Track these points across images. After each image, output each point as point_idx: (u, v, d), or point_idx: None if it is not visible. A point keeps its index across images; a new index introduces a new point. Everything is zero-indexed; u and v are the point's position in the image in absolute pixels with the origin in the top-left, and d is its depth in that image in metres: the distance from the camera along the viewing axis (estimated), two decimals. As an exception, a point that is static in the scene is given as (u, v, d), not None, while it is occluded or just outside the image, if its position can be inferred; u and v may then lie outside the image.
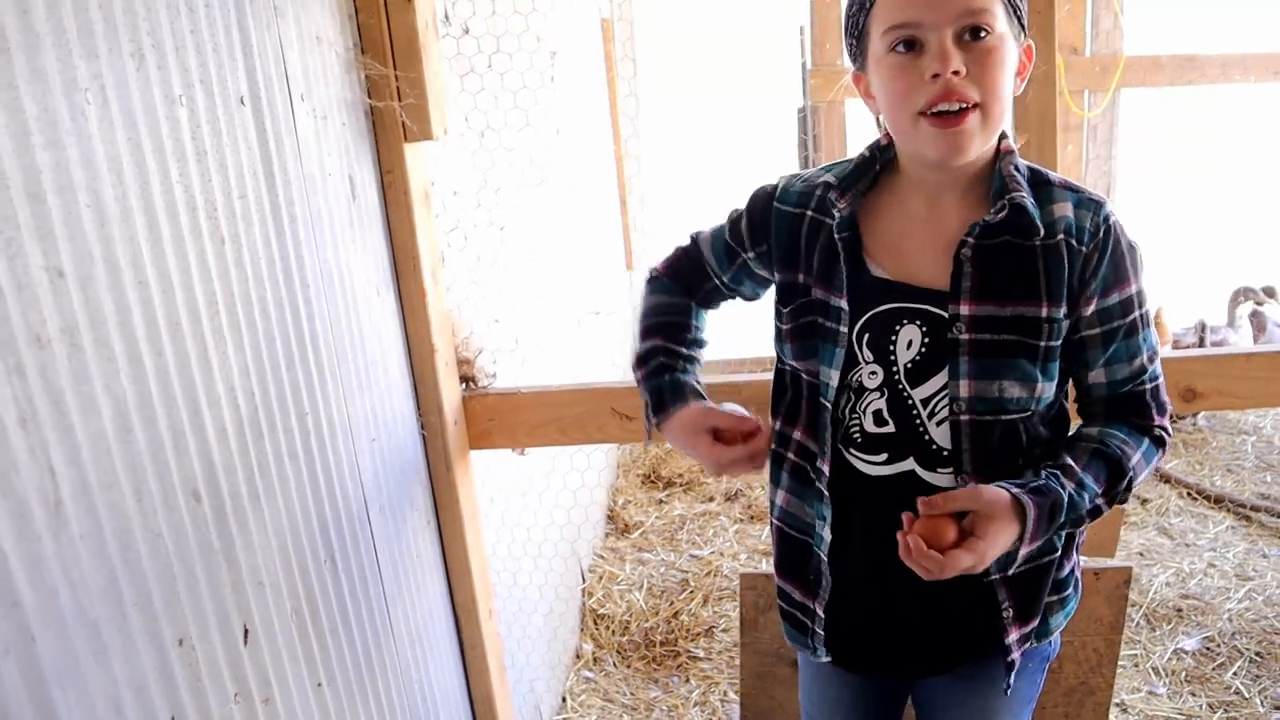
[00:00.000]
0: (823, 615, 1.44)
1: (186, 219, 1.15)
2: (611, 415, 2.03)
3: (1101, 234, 1.25)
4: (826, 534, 1.38)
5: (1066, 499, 1.22)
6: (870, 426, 1.33)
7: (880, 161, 1.35)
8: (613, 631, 3.41)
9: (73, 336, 0.94)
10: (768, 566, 3.68)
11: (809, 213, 1.36)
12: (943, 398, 1.28)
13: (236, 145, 1.28)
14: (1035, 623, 1.38)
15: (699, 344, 1.57)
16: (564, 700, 3.07)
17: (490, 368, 2.05)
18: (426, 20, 1.79)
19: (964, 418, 1.27)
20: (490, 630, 2.18)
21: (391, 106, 1.75)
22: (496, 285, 2.21)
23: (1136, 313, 1.29)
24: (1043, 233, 1.23)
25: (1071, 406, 1.41)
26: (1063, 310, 1.25)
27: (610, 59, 4.53)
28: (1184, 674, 2.98)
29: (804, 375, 1.39)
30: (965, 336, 1.25)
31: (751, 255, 1.46)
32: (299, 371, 1.42)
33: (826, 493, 1.37)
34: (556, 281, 2.27)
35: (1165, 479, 4.24)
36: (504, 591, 2.46)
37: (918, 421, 1.30)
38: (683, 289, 1.58)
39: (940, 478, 1.31)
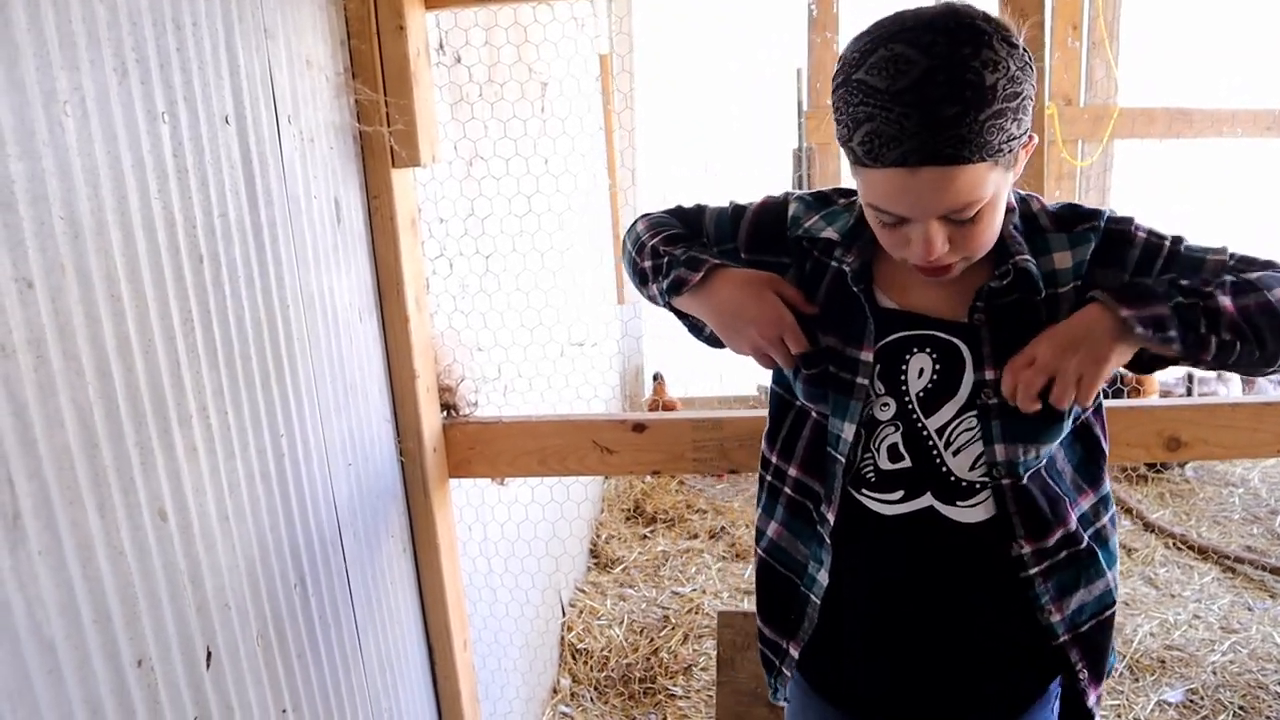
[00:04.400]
0: (795, 656, 1.40)
1: (164, 235, 1.14)
2: (593, 448, 2.02)
3: (1100, 240, 1.22)
4: (823, 578, 1.34)
5: (1154, 284, 1.15)
6: (885, 463, 1.28)
7: None
8: (591, 667, 3.37)
9: (39, 348, 0.93)
10: (749, 605, 3.65)
11: (815, 253, 1.34)
12: (957, 426, 1.24)
13: (219, 164, 1.28)
14: (1105, 682, 1.34)
15: None
16: (539, 736, 3.03)
17: (472, 396, 2.04)
18: (419, 48, 1.80)
19: (1005, 482, 1.23)
20: (464, 661, 2.16)
21: (380, 132, 1.76)
22: (480, 314, 2.20)
23: (1166, 242, 1.22)
24: (1043, 291, 1.21)
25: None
26: None
27: (608, 95, 4.55)
28: (1166, 726, 2.96)
29: (812, 414, 1.35)
30: (994, 401, 1.21)
31: (745, 256, 1.40)
32: (275, 392, 1.41)
33: (829, 540, 1.32)
34: (541, 312, 2.26)
35: (1151, 528, 4.22)
36: (480, 622, 2.43)
37: (935, 453, 1.26)
38: (684, 227, 1.48)
39: (961, 512, 1.26)
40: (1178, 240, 1.22)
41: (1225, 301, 1.12)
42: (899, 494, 1.28)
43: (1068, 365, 1.15)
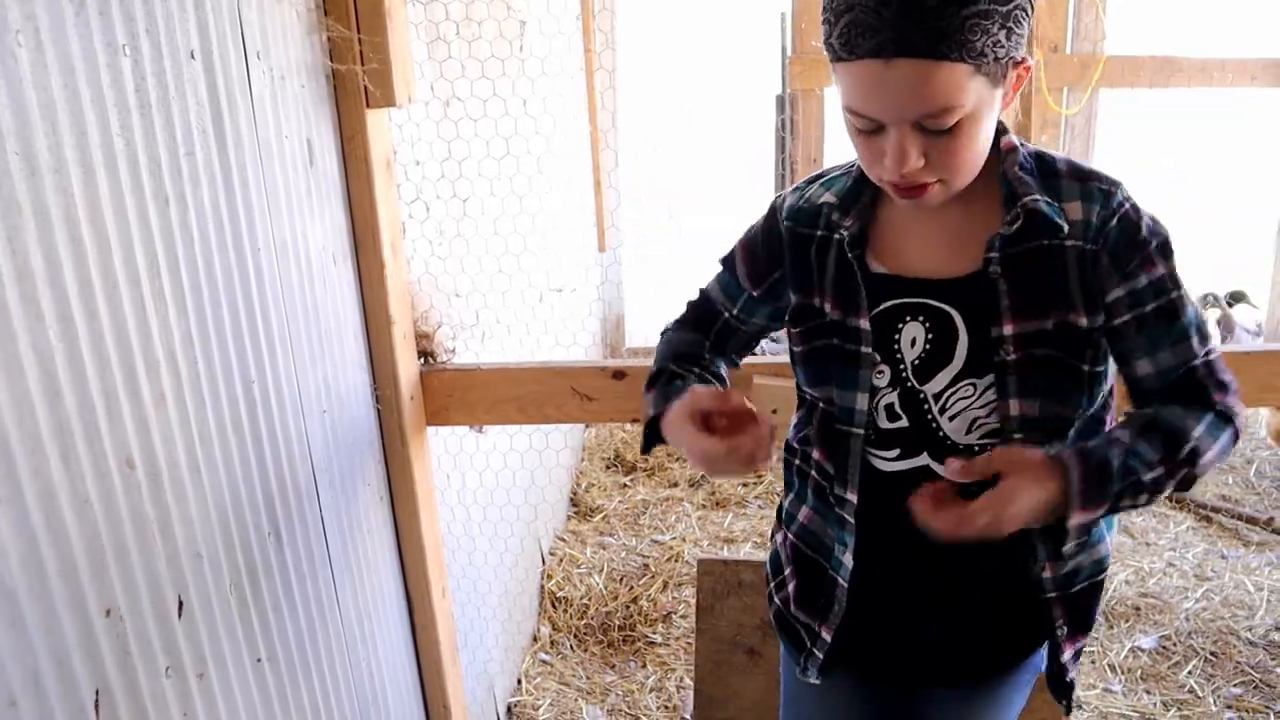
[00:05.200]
0: (828, 639, 1.39)
1: (128, 175, 1.10)
2: (571, 395, 2.00)
3: (1115, 225, 1.17)
4: (848, 560, 1.34)
5: (1117, 463, 1.12)
6: (883, 422, 1.28)
7: None
8: (571, 615, 3.38)
9: (-5, 290, 0.90)
10: (728, 553, 3.67)
11: (818, 232, 1.32)
12: (954, 393, 1.23)
13: (185, 101, 1.23)
14: (1088, 636, 1.35)
15: (714, 374, 1.45)
16: (519, 682, 3.04)
17: (449, 343, 2.01)
18: (393, -17, 1.74)
19: (1017, 436, 1.21)
20: (443, 610, 2.15)
21: (354, 71, 1.70)
22: (458, 259, 2.17)
23: (1172, 294, 1.19)
24: (1065, 228, 1.17)
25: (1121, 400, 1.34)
26: (1099, 319, 1.19)
27: (589, 37, 4.47)
28: (1140, 672, 2.99)
29: (820, 403, 1.35)
30: (1012, 356, 1.18)
31: (756, 293, 1.43)
32: (246, 339, 1.38)
33: (851, 520, 1.32)
34: (520, 258, 2.23)
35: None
36: (459, 571, 2.42)
37: (929, 416, 1.25)
38: (693, 331, 1.52)
39: None
40: (1180, 300, 1.19)
41: (1168, 488, 1.16)
42: (896, 451, 1.28)
43: (998, 511, 1.07)
